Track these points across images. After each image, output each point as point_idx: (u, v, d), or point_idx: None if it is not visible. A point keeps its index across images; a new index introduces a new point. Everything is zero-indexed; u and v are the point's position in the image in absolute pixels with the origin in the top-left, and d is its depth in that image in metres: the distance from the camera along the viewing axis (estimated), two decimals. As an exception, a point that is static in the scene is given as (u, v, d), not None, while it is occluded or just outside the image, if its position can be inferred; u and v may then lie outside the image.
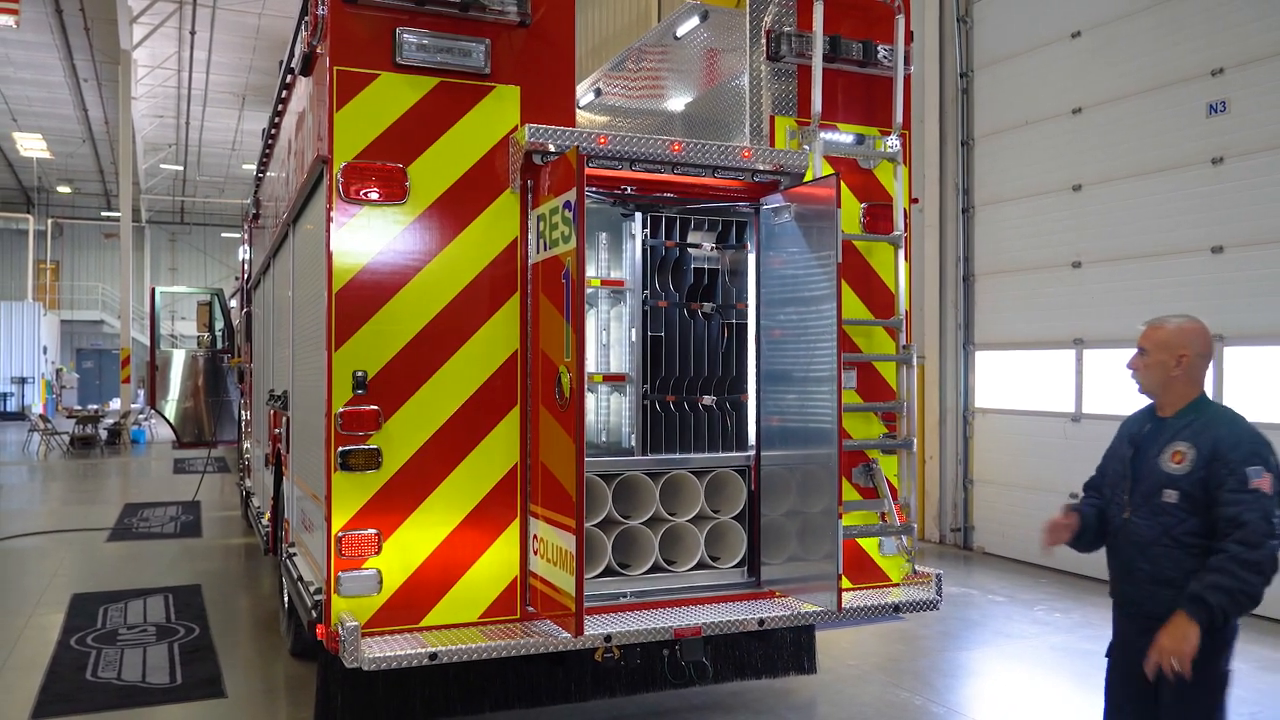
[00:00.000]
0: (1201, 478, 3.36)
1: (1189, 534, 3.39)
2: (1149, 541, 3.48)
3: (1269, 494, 3.26)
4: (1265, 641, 7.25)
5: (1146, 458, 3.54)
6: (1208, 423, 3.45)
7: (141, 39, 24.15)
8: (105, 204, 42.23)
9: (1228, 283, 8.30)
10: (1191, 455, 3.39)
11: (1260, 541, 3.21)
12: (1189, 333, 3.56)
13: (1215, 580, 3.22)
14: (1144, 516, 3.50)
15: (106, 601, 8.32)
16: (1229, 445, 3.34)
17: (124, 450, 23.15)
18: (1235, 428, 3.41)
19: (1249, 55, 8.15)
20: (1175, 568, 3.40)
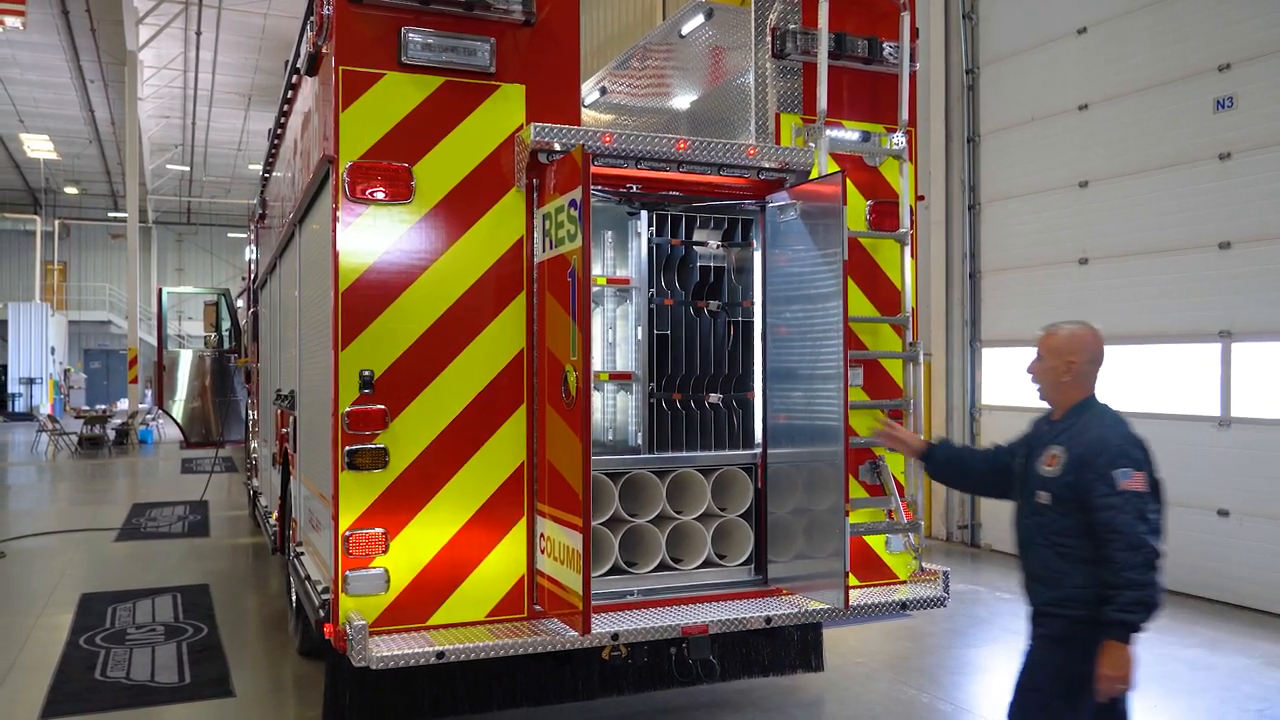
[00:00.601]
0: (1070, 481, 3.44)
1: (1060, 535, 3.48)
2: (1027, 540, 3.63)
3: (1142, 491, 3.34)
4: (1273, 637, 7.23)
5: (1033, 459, 3.65)
6: (1083, 427, 3.53)
7: (147, 40, 24.23)
8: (112, 205, 42.35)
9: (1235, 278, 8.27)
10: (1063, 459, 3.49)
11: (1140, 542, 3.29)
12: (1079, 339, 3.64)
13: (1125, 598, 3.27)
14: (1026, 516, 3.64)
15: (115, 601, 8.35)
16: (1095, 451, 3.41)
17: (132, 450, 23.23)
18: (1105, 432, 3.47)
19: (1256, 50, 8.12)
20: (1043, 566, 3.54)
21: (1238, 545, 8.19)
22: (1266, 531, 7.97)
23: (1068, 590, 3.46)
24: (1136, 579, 3.26)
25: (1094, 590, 3.37)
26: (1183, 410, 8.71)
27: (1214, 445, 8.40)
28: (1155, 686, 6.21)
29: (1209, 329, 8.46)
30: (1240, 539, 8.17)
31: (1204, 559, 8.44)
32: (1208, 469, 8.44)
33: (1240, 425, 8.22)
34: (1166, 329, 8.87)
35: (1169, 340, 8.85)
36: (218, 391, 14.37)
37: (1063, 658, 3.47)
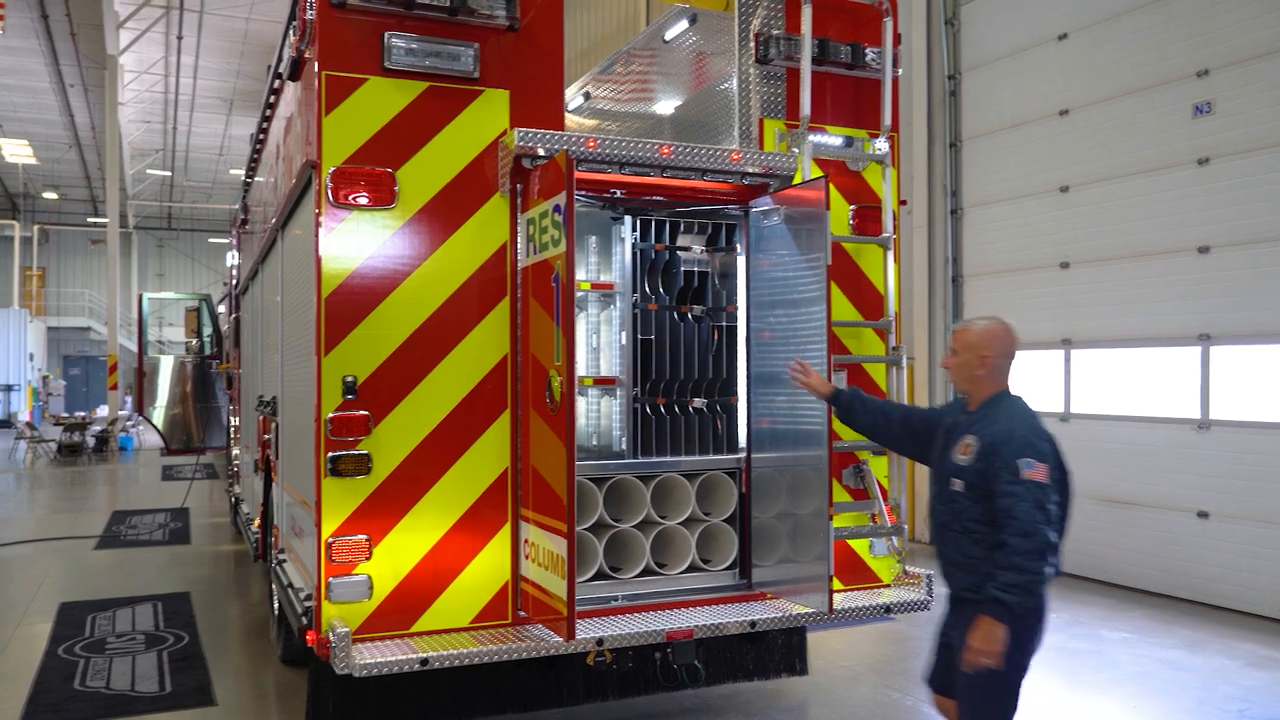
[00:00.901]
0: (980, 469, 3.63)
1: (974, 520, 3.67)
2: (944, 525, 3.82)
3: (1044, 483, 3.51)
4: (1252, 638, 7.29)
5: (949, 447, 3.84)
6: (995, 418, 3.72)
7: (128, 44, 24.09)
8: (92, 210, 42.06)
9: (1214, 282, 8.35)
10: (975, 448, 3.68)
11: (1034, 530, 3.46)
12: (992, 334, 3.84)
13: (1005, 579, 3.46)
14: (942, 503, 3.84)
15: (95, 610, 8.27)
16: (1003, 440, 3.60)
17: (112, 457, 23.04)
18: (1014, 423, 3.67)
19: (1234, 57, 8.21)
20: (960, 552, 3.72)
21: (1217, 547, 8.25)
22: (1246, 533, 8.04)
23: (983, 575, 3.60)
24: (1022, 564, 3.45)
25: None
26: (1163, 413, 8.77)
27: (1194, 447, 8.47)
28: (1135, 686, 6.25)
29: (1188, 332, 8.53)
30: (1220, 541, 8.23)
31: (1184, 560, 8.50)
32: (1187, 471, 8.50)
33: (1219, 428, 8.29)
34: (1146, 332, 8.94)
35: (1149, 343, 8.92)
36: (199, 398, 14.29)
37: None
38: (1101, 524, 9.22)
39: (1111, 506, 9.14)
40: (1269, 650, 7.00)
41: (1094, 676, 6.53)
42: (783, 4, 5.48)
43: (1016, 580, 3.45)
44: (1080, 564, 9.42)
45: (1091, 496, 9.35)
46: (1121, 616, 7.99)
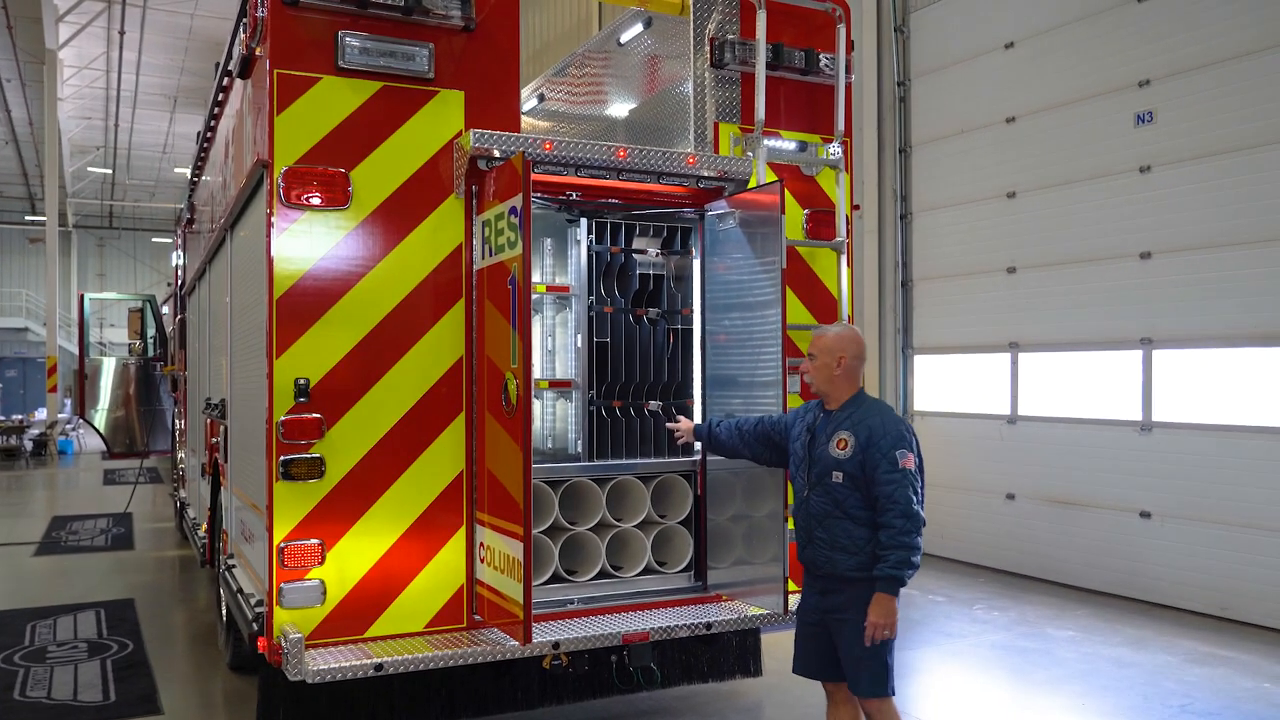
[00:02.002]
0: (860, 460, 3.99)
1: (855, 507, 4.01)
2: (824, 515, 4.08)
3: (912, 470, 3.96)
4: (1194, 635, 7.47)
5: (818, 444, 4.14)
6: (864, 415, 4.10)
7: (68, 39, 23.56)
8: (30, 208, 41.02)
9: (1156, 287, 8.54)
10: (852, 442, 4.03)
11: (913, 512, 3.90)
12: (845, 339, 4.21)
13: (895, 557, 3.86)
14: (819, 494, 4.10)
15: (34, 618, 8.07)
16: (880, 433, 3.99)
17: (51, 461, 22.50)
18: (885, 418, 4.08)
19: (1174, 67, 8.41)
20: (846, 535, 4.03)
21: (1159, 546, 8.44)
22: (1187, 532, 8.23)
23: (869, 555, 3.97)
24: (907, 542, 3.86)
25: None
26: (1106, 415, 8.96)
27: (1136, 449, 8.66)
28: (1080, 684, 6.37)
29: (1131, 336, 8.72)
30: (1162, 540, 8.43)
31: (1127, 559, 8.69)
32: (1130, 472, 8.69)
33: (1161, 429, 8.48)
34: (1090, 336, 9.12)
35: (1092, 347, 9.11)
36: (142, 400, 14.01)
37: None
38: (1047, 524, 9.39)
39: (1057, 507, 9.31)
40: (1209, 647, 7.17)
41: (1041, 674, 6.65)
42: (737, 9, 5.52)
43: (904, 558, 3.85)
44: (1026, 563, 9.59)
45: (1037, 497, 9.53)
46: (1067, 615, 8.14)
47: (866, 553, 3.98)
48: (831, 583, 4.09)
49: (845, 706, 4.27)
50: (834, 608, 4.09)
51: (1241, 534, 7.83)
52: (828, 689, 4.33)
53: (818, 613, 4.18)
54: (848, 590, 4.03)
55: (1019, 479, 9.71)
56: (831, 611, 4.10)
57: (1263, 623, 7.64)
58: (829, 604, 4.11)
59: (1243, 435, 7.87)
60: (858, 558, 4.00)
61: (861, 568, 3.98)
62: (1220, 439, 8.03)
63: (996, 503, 9.89)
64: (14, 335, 42.11)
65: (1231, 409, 8.00)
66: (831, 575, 4.08)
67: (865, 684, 4.04)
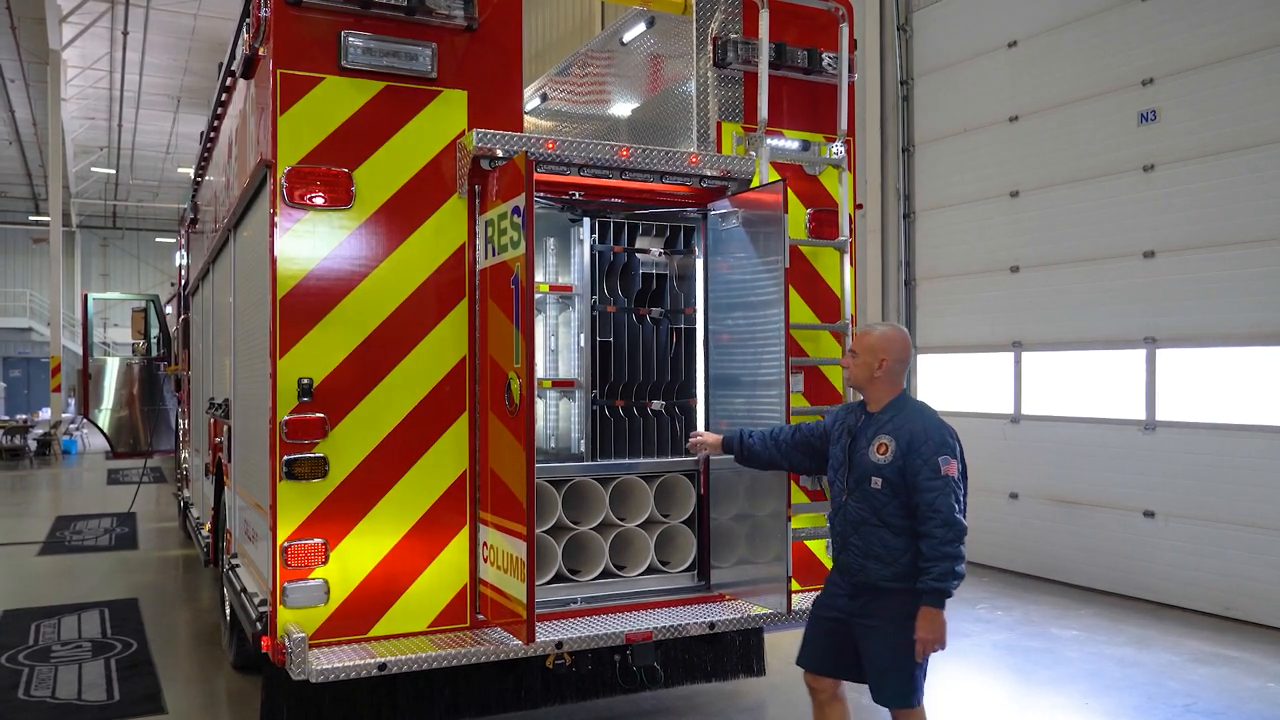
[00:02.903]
0: (900, 466, 3.87)
1: (894, 515, 3.89)
2: (860, 521, 3.98)
3: (955, 477, 3.83)
4: (1198, 635, 7.46)
5: (859, 448, 4.04)
6: (906, 419, 3.96)
7: (71, 39, 23.58)
8: (33, 208, 41.06)
9: (1159, 286, 8.53)
10: (893, 447, 3.90)
11: (954, 520, 3.77)
12: (889, 340, 4.08)
13: (939, 569, 3.74)
14: (857, 499, 4.00)
15: (39, 617, 8.08)
16: (922, 439, 3.86)
17: (55, 461, 22.53)
18: (927, 422, 3.94)
19: (1178, 66, 8.40)
20: (881, 544, 3.92)
21: (1164, 545, 8.43)
22: (1191, 532, 8.22)
23: (905, 565, 3.87)
24: (951, 552, 3.74)
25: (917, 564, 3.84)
26: (1110, 414, 8.94)
27: (1140, 448, 8.65)
28: (1084, 683, 6.36)
29: (1134, 335, 8.71)
30: (1166, 539, 8.41)
31: (1131, 559, 8.67)
32: (1134, 471, 8.68)
33: (1165, 429, 8.47)
34: (1094, 335, 9.11)
35: (1097, 346, 9.10)
36: (146, 400, 14.03)
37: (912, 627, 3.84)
38: (1051, 524, 9.38)
39: (1060, 506, 9.30)
40: (1214, 647, 7.16)
41: (1045, 673, 6.64)
42: (740, 8, 5.51)
43: (949, 569, 3.74)
44: (1031, 563, 9.58)
45: (1041, 496, 9.51)
46: (1072, 615, 8.13)
47: (902, 563, 3.88)
48: (862, 590, 4.00)
49: (833, 705, 4.21)
50: (863, 613, 4.00)
51: (1246, 533, 7.82)
52: (820, 685, 4.22)
53: (845, 613, 4.07)
54: (879, 599, 3.95)
55: (1022, 478, 9.69)
56: (860, 617, 4.01)
57: (1267, 622, 7.62)
58: (858, 608, 4.02)
59: (1247, 435, 7.85)
60: (892, 568, 3.90)
61: (895, 578, 3.89)
62: (1225, 438, 8.01)
63: (1000, 502, 9.88)
64: (18, 335, 42.18)
65: (1236, 408, 7.98)
66: (864, 584, 3.99)
67: (890, 694, 3.96)
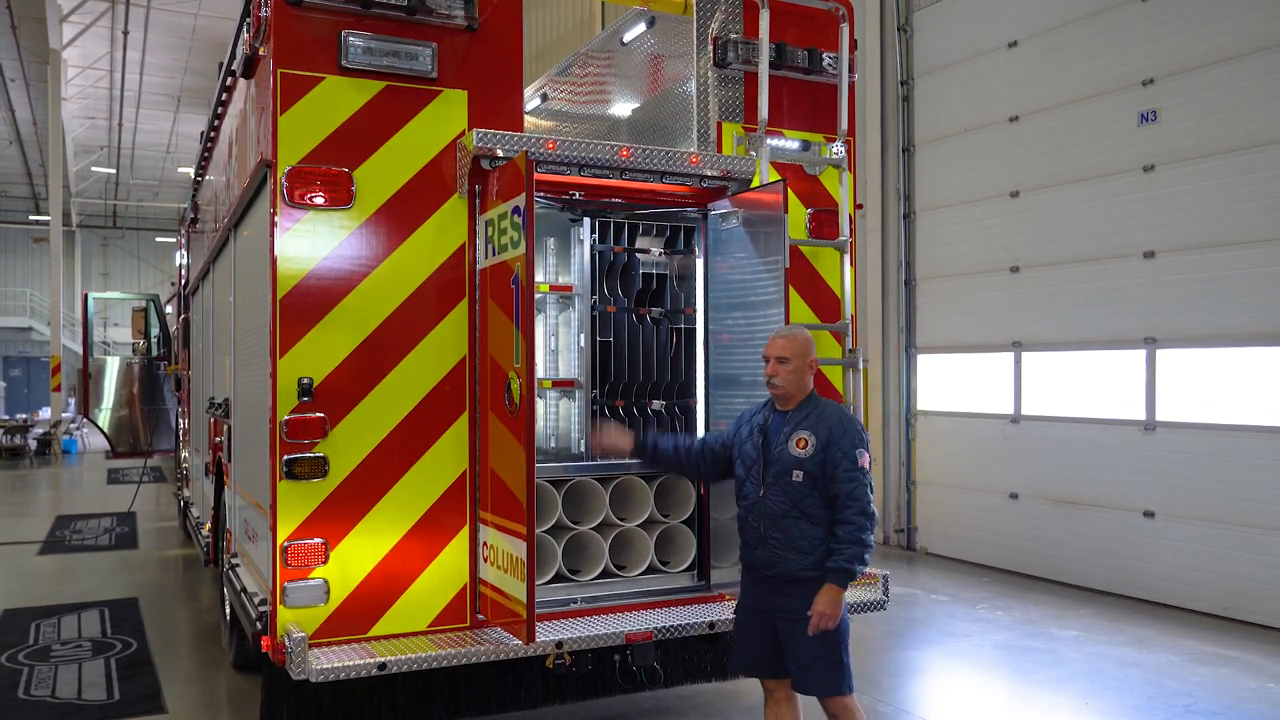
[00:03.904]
0: (820, 460, 4.08)
1: (813, 506, 4.09)
2: (781, 514, 4.13)
3: (868, 469, 4.12)
4: (1198, 635, 7.46)
5: (775, 444, 4.19)
6: (821, 414, 4.20)
7: (72, 38, 23.58)
8: (34, 207, 41.07)
9: (1159, 287, 8.53)
10: (813, 442, 4.11)
11: (870, 510, 4.05)
12: (810, 342, 4.31)
13: (851, 552, 3.99)
14: (776, 493, 4.14)
15: (39, 617, 8.08)
16: (840, 433, 4.12)
17: (55, 460, 22.53)
18: (843, 417, 4.22)
19: (1178, 66, 8.40)
20: (801, 536, 4.09)
21: (1163, 546, 8.43)
22: (1191, 532, 8.22)
23: (823, 554, 4.06)
24: (865, 539, 4.01)
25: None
26: (1110, 414, 8.94)
27: (1139, 448, 8.64)
28: (1083, 683, 6.37)
29: (1134, 336, 8.71)
30: (1165, 540, 8.41)
31: (1130, 559, 8.67)
32: (1133, 472, 8.68)
33: (1165, 429, 8.47)
34: (1094, 336, 9.11)
35: (1096, 346, 9.10)
36: (146, 400, 14.03)
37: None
38: (1051, 524, 9.38)
39: (1060, 506, 9.30)
40: (1213, 647, 7.16)
41: (1044, 674, 6.64)
42: (740, 8, 5.52)
43: (859, 552, 3.99)
44: (1030, 563, 9.58)
45: (1041, 497, 9.51)
46: (1071, 615, 8.13)
47: (820, 552, 4.07)
48: (782, 583, 4.13)
49: (786, 705, 4.30)
50: (784, 608, 4.13)
51: (1245, 534, 7.82)
52: (769, 686, 4.33)
53: (765, 612, 4.21)
54: (799, 590, 4.08)
55: (1022, 478, 9.69)
56: (781, 611, 4.14)
57: (1267, 622, 7.62)
58: (778, 604, 4.15)
59: (1247, 435, 7.85)
60: (811, 557, 4.07)
61: (814, 567, 4.07)
62: (1224, 438, 8.01)
63: (1000, 502, 9.88)
64: (18, 334, 42.18)
65: (1236, 408, 7.98)
66: (783, 576, 4.12)
67: (820, 683, 4.10)
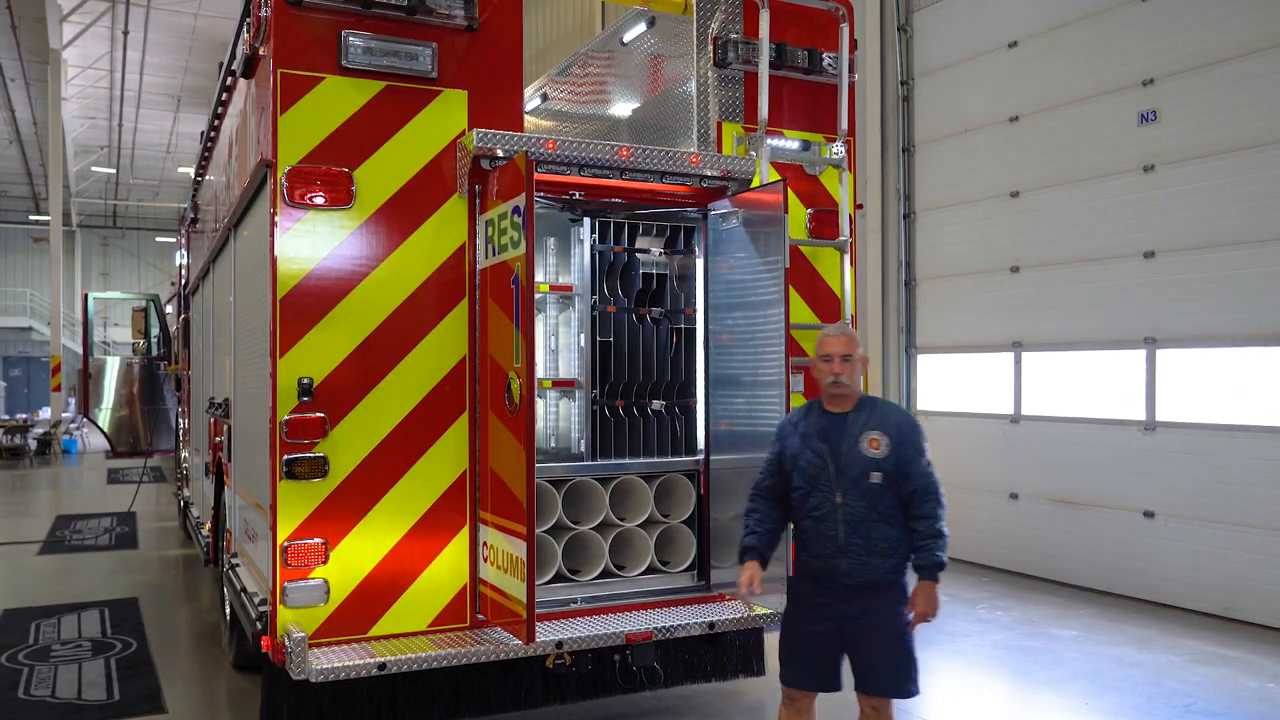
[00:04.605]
0: (896, 459, 3.95)
1: (889, 507, 3.96)
2: (860, 519, 3.96)
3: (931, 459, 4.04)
4: (1198, 635, 7.46)
5: (845, 448, 4.00)
6: (884, 412, 4.09)
7: (72, 38, 23.57)
8: (34, 207, 41.05)
9: (1159, 287, 8.53)
10: (885, 441, 3.97)
11: (943, 500, 3.96)
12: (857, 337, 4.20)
13: (939, 544, 3.89)
14: (855, 499, 3.95)
15: (39, 617, 8.08)
16: (908, 428, 4.03)
17: (55, 460, 22.53)
18: (903, 413, 4.16)
19: (1178, 66, 8.39)
20: (882, 538, 3.95)
21: (1163, 546, 8.43)
22: (1191, 532, 8.22)
23: (901, 555, 3.96)
24: (944, 529, 3.92)
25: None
26: (1110, 414, 8.94)
27: (1140, 448, 8.64)
28: (1083, 683, 6.36)
29: (1134, 336, 8.70)
30: (1166, 540, 8.41)
31: (1130, 559, 8.67)
32: (1133, 472, 8.68)
33: (1165, 429, 8.47)
34: (1094, 336, 9.11)
35: (1096, 346, 9.09)
36: (146, 400, 14.03)
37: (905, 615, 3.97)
38: (1051, 524, 9.38)
39: (1060, 507, 9.30)
40: (1213, 647, 7.16)
41: (1044, 674, 6.64)
42: (740, 8, 5.52)
43: (944, 543, 3.89)
44: (1030, 563, 9.57)
45: (1041, 497, 9.51)
46: (1071, 615, 8.13)
47: (899, 553, 3.94)
48: (859, 590, 3.94)
49: (807, 715, 4.21)
50: (858, 615, 3.95)
51: (1245, 534, 7.81)
52: (796, 695, 4.16)
53: (839, 619, 3.98)
54: (878, 595, 3.95)
55: (1022, 478, 9.69)
56: (854, 619, 3.95)
57: (1267, 623, 7.62)
58: (850, 611, 3.95)
59: (1247, 435, 7.85)
60: (892, 559, 3.94)
61: (894, 569, 3.95)
62: (1224, 439, 8.01)
63: (1000, 502, 9.87)
64: (18, 334, 42.18)
65: (1236, 409, 7.98)
66: (865, 583, 3.93)
67: (902, 683, 3.97)
